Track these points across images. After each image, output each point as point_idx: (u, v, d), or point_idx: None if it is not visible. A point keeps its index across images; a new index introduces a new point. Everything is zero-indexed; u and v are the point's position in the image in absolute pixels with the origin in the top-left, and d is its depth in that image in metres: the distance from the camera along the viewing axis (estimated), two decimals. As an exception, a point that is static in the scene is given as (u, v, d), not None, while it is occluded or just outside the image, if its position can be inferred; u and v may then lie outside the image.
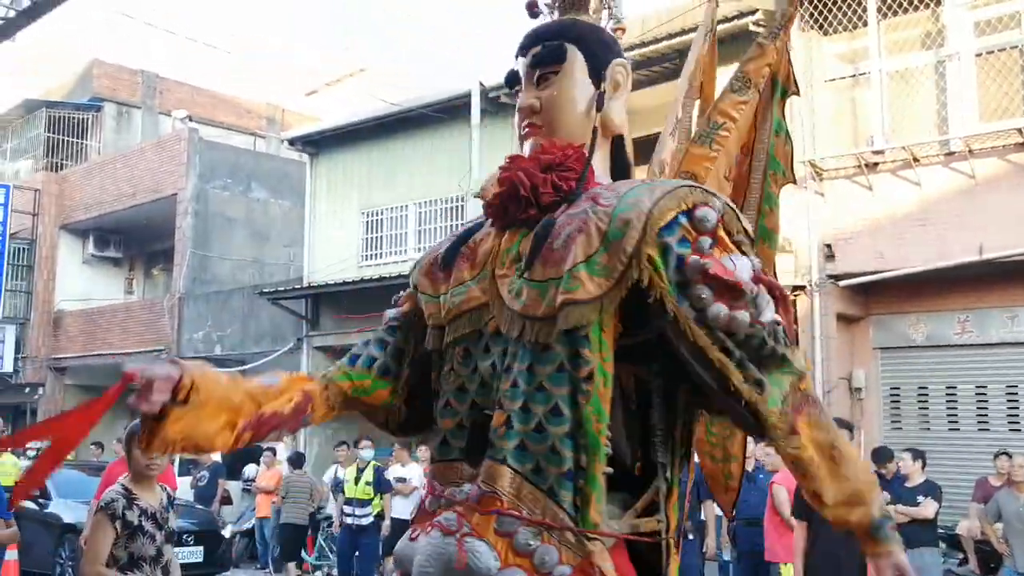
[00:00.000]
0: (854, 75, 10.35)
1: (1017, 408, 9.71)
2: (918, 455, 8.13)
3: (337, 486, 11.59)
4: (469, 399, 1.96)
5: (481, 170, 13.22)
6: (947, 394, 10.11)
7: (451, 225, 14.49)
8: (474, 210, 13.34)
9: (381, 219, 15.41)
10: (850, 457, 1.86)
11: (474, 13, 13.47)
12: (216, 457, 13.95)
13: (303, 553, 11.96)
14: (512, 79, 2.10)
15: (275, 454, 13.07)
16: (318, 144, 16.41)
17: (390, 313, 2.26)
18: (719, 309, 1.74)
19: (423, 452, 11.36)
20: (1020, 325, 9.66)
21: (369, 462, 11.16)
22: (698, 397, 1.97)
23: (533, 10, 2.18)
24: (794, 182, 2.63)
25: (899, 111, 10.11)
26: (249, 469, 13.25)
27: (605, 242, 1.79)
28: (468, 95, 13.50)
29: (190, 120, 21.30)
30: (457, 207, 14.34)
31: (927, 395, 10.21)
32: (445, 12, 50.52)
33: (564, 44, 2.02)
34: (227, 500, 12.91)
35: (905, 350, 10.15)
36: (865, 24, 10.05)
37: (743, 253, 1.86)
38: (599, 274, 1.79)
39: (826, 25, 10.32)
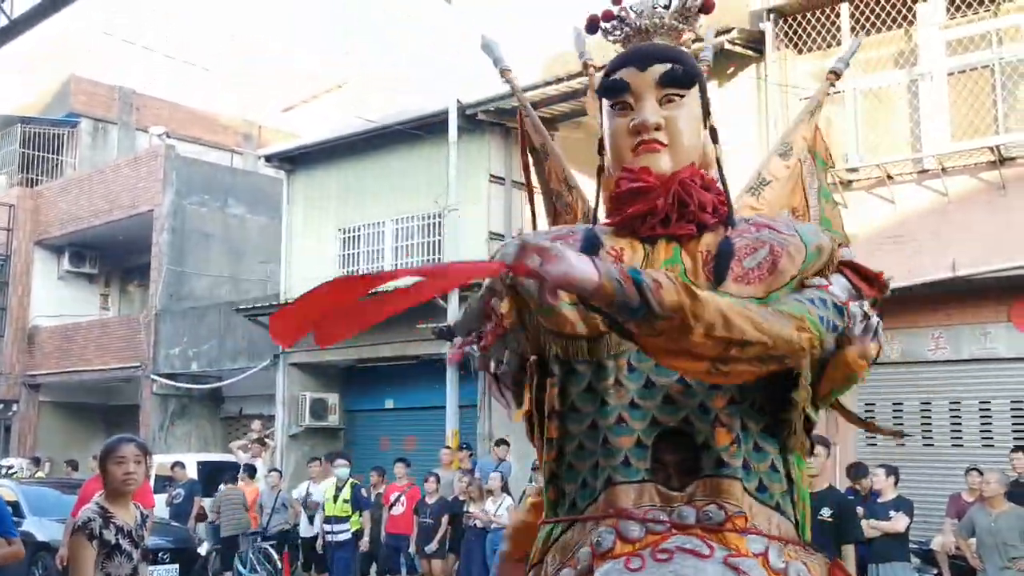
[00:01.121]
0: (828, 93, 10.45)
1: (990, 424, 9.81)
2: (891, 471, 8.20)
3: (306, 501, 11.60)
4: (648, 416, 1.85)
5: (458, 187, 13.25)
6: (921, 410, 10.19)
7: (428, 242, 14.50)
8: (451, 227, 13.36)
9: (358, 236, 15.38)
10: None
11: (451, 31, 13.45)
12: (191, 474, 13.87)
13: (237, 565, 11.99)
14: (613, 88, 2.04)
15: (253, 473, 12.98)
16: (295, 160, 16.38)
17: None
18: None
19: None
20: (992, 342, 9.76)
21: (347, 480, 11.14)
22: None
23: (596, 25, 2.20)
24: (847, 245, 2.63)
25: (873, 129, 10.24)
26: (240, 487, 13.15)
27: (805, 264, 1.91)
28: (445, 112, 13.53)
29: (167, 136, 21.23)
30: (434, 224, 14.35)
31: (902, 411, 10.29)
32: (423, 30, 50.61)
33: (692, 71, 2.05)
34: (202, 517, 12.80)
35: (880, 366, 9.95)
36: (839, 43, 10.18)
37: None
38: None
39: (800, 44, 10.44)
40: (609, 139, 2.08)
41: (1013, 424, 9.65)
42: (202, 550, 12.25)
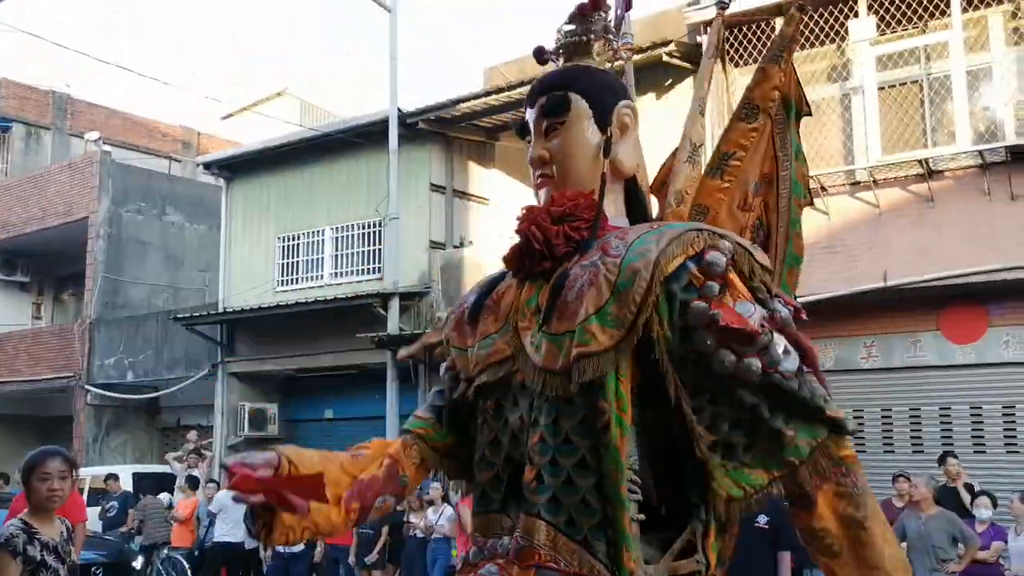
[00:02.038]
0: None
1: (920, 431, 10.05)
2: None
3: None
4: (503, 452, 1.95)
5: (398, 195, 13.21)
6: (854, 417, 10.40)
7: (367, 250, 14.42)
8: (392, 235, 13.31)
9: (297, 244, 15.24)
10: (879, 547, 1.77)
11: (392, 40, 13.42)
12: (126, 487, 13.59)
13: None
14: (522, 129, 2.10)
15: (196, 484, 12.73)
16: (234, 168, 16.19)
17: (445, 363, 2.23)
18: (724, 355, 1.71)
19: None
20: (922, 350, 10.01)
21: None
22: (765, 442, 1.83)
23: (541, 57, 2.19)
24: (812, 204, 2.60)
25: (808, 141, 10.41)
26: (162, 497, 12.92)
27: (615, 293, 1.77)
28: (386, 120, 13.49)
29: (103, 142, 20.82)
30: (374, 232, 14.28)
31: (836, 418, 10.48)
32: (363, 37, 50.43)
33: (568, 94, 2.01)
34: (138, 531, 12.55)
35: (815, 374, 10.38)
36: (774, 57, 10.36)
37: (759, 300, 1.81)
38: (611, 325, 1.76)
39: (737, 57, 10.62)
40: None
41: (941, 430, 9.90)
42: (137, 563, 11.99)
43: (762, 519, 6.76)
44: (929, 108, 9.95)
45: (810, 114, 2.54)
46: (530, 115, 2.07)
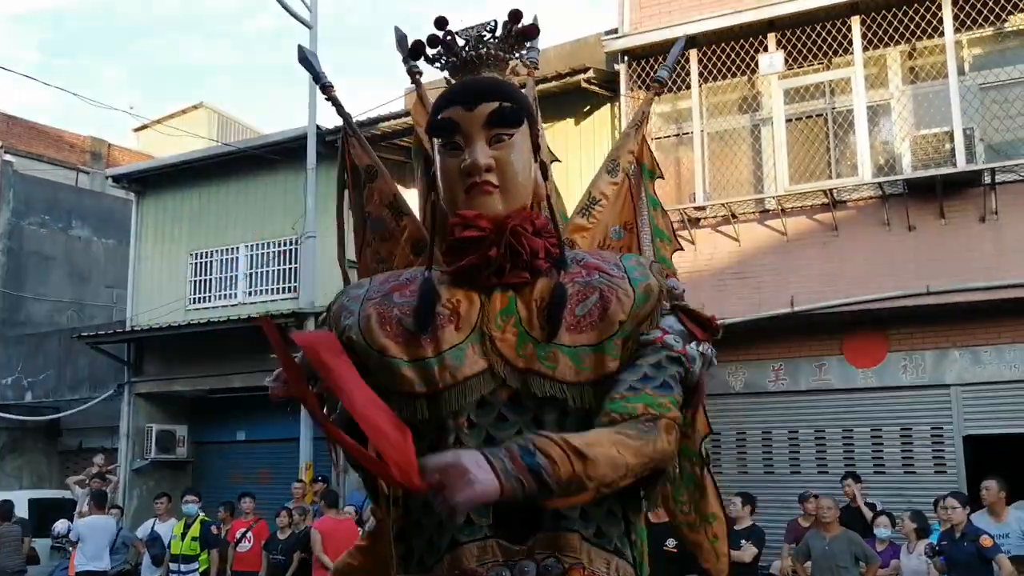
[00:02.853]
0: (678, 135, 10.94)
1: (824, 452, 10.35)
2: (748, 499, 8.55)
3: (154, 540, 11.03)
4: None
5: (316, 213, 13.07)
6: (763, 439, 10.67)
7: (283, 269, 14.22)
8: (309, 254, 13.15)
9: (210, 261, 14.92)
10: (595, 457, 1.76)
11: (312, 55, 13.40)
12: (22, 513, 13.01)
13: None
14: (448, 127, 1.95)
15: (104, 500, 12.22)
16: (145, 182, 15.80)
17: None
18: (648, 338, 1.90)
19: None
20: (827, 373, 10.34)
21: (197, 517, 10.71)
22: None
23: (419, 51, 2.16)
24: (680, 248, 2.88)
25: (719, 170, 10.72)
26: (60, 525, 12.35)
27: (634, 308, 1.89)
28: (304, 137, 13.36)
29: (4, 151, 20.09)
30: (289, 251, 14.09)
31: (745, 439, 10.74)
32: (281, 53, 49.84)
33: (520, 108, 1.97)
34: (33, 559, 12.01)
35: (724, 397, 10.63)
36: (688, 87, 10.65)
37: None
38: (630, 337, 1.88)
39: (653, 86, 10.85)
40: (441, 179, 1.99)
41: (844, 452, 10.22)
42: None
43: (671, 543, 6.87)
44: (833, 141, 10.33)
45: (663, 177, 2.89)
46: (461, 114, 1.94)
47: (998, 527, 7.46)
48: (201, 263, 15.00)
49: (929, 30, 9.65)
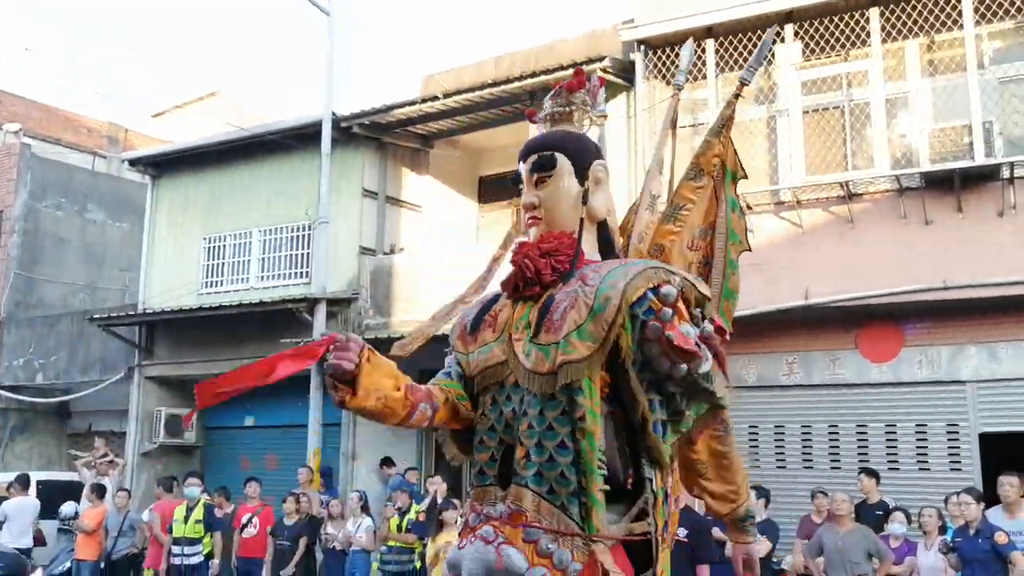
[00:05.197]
0: (694, 124, 10.84)
1: (838, 447, 10.25)
2: (762, 493, 8.46)
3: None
4: (498, 437, 2.53)
5: (329, 199, 13.05)
6: (776, 433, 10.57)
7: (296, 254, 14.20)
8: (321, 239, 13.12)
9: (224, 245, 14.92)
10: (736, 466, 2.85)
11: (329, 43, 13.28)
12: (31, 494, 13.05)
13: None
14: (516, 179, 2.69)
15: (103, 493, 12.28)
16: (161, 166, 15.82)
17: (450, 359, 2.81)
18: (665, 362, 2.34)
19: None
20: (841, 368, 10.23)
21: (199, 500, 10.72)
22: (674, 417, 2.50)
23: (532, 118, 2.87)
24: (749, 249, 3.19)
25: (734, 161, 10.60)
26: (67, 507, 12.37)
27: (591, 314, 2.35)
28: (319, 123, 13.33)
29: (23, 134, 20.16)
30: (303, 236, 14.07)
31: (757, 433, 10.65)
32: (300, 40, 49.92)
33: (555, 154, 2.61)
34: (40, 541, 12.02)
35: (737, 390, 10.54)
36: (704, 77, 10.55)
37: (695, 322, 2.44)
38: (588, 339, 2.34)
39: (669, 75, 10.76)
40: None
41: (858, 447, 10.12)
42: (37, 575, 11.54)
43: (681, 532, 6.80)
44: (850, 133, 10.22)
45: (746, 177, 3.22)
46: (522, 168, 2.66)
47: (1013, 524, 7.36)
48: (214, 247, 15.00)
49: (948, 23, 9.53)
